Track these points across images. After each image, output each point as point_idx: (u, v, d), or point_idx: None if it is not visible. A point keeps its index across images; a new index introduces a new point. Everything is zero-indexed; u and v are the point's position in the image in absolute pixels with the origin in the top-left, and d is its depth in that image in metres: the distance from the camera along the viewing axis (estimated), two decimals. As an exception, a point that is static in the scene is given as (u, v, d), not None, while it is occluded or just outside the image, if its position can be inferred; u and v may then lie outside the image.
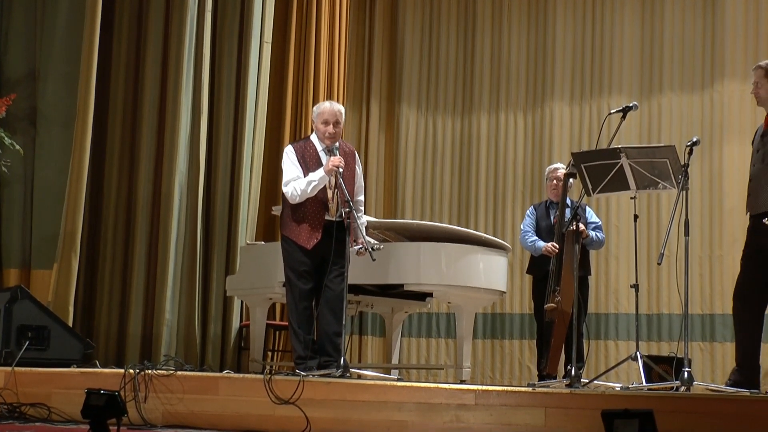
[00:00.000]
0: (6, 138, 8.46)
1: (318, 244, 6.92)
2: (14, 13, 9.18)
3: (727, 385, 6.54)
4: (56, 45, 9.01)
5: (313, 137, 7.13)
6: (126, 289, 9.12)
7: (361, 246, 6.83)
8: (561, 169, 8.26)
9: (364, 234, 6.97)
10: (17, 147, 8.59)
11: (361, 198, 7.33)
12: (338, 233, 6.87)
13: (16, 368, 6.65)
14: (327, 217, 6.98)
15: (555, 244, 7.64)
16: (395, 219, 11.32)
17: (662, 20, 10.91)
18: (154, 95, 9.30)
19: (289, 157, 7.08)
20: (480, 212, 11.45)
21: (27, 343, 7.09)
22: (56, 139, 8.94)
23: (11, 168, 8.79)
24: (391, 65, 12.13)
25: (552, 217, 8.18)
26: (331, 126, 6.98)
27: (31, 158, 9.00)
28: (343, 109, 7.10)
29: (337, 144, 7.03)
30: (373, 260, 6.72)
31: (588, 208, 8.35)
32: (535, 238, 8.25)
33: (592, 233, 8.08)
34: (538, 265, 8.25)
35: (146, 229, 9.18)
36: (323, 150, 7.02)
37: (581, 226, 7.40)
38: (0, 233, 8.99)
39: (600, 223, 8.36)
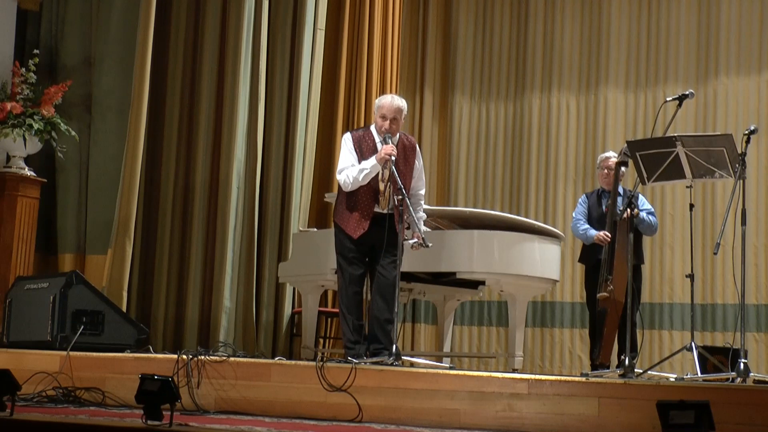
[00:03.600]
0: (62, 124, 8.54)
1: (365, 234, 6.91)
2: (70, 0, 9.24)
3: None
4: (112, 31, 9.07)
5: (373, 127, 7.09)
6: (183, 275, 9.17)
7: (415, 240, 6.81)
8: (612, 157, 8.18)
9: (421, 228, 6.91)
10: (73, 133, 8.66)
11: (422, 192, 7.27)
12: (390, 223, 6.83)
13: (71, 353, 6.70)
14: (377, 209, 6.95)
15: (607, 233, 7.58)
16: (449, 205, 11.29)
17: (719, 4, 10.75)
18: (211, 82, 9.33)
19: (346, 145, 7.06)
20: (531, 200, 11.38)
21: (82, 328, 7.14)
22: (111, 125, 9.00)
23: (67, 154, 8.87)
24: (445, 53, 12.07)
25: (604, 206, 8.11)
26: (388, 122, 6.91)
27: (86, 144, 9.08)
28: (404, 106, 7.01)
29: (394, 135, 6.97)
30: (427, 246, 6.70)
31: (640, 196, 8.24)
32: (587, 226, 8.18)
33: (644, 213, 7.93)
34: (590, 254, 8.18)
35: (203, 216, 9.21)
36: (381, 141, 6.96)
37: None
38: (56, 219, 9.08)
39: (652, 209, 8.24)
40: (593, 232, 8.05)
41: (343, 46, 10.65)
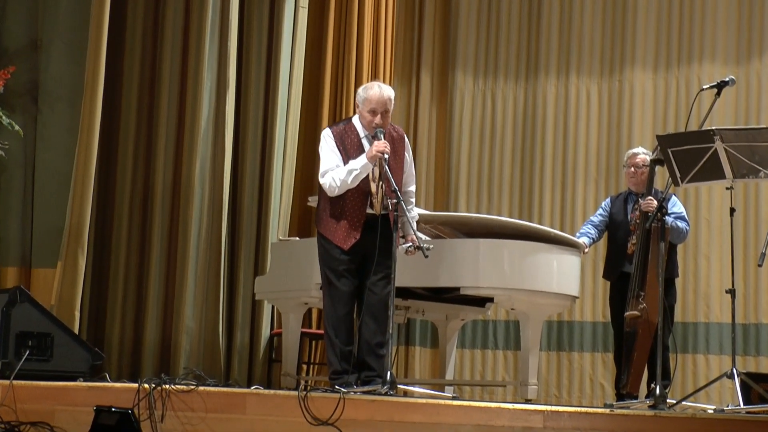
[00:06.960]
0: (4, 117, 8.54)
1: (357, 243, 6.91)
2: (14, -27, 9.26)
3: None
4: (62, 10, 9.08)
5: (356, 120, 7.08)
6: (141, 291, 9.18)
7: (410, 244, 6.82)
8: (641, 154, 8.21)
9: (415, 230, 6.93)
10: (16, 127, 8.66)
11: (412, 189, 7.28)
12: (383, 229, 6.84)
13: (14, 381, 6.71)
14: (369, 211, 6.95)
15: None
16: (448, 210, 11.29)
17: (763, -27, 10.77)
18: (173, 67, 9.35)
19: (327, 143, 7.04)
20: (545, 203, 11.35)
21: (27, 352, 7.15)
22: (61, 117, 9.01)
23: (9, 151, 8.86)
24: (445, 29, 12.03)
25: (629, 212, 8.14)
26: (379, 116, 6.90)
27: (32, 140, 9.07)
28: (393, 94, 7.01)
29: (385, 129, 6.98)
30: (426, 257, 6.70)
31: (673, 197, 8.25)
32: (582, 233, 8.30)
33: (670, 218, 7.89)
34: (613, 267, 8.22)
35: (164, 223, 9.23)
36: (366, 137, 6.98)
37: (653, 200, 7.40)
38: (-4, 226, 9.09)
39: (683, 213, 8.24)
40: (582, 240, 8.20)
41: (329, 25, 10.69)
